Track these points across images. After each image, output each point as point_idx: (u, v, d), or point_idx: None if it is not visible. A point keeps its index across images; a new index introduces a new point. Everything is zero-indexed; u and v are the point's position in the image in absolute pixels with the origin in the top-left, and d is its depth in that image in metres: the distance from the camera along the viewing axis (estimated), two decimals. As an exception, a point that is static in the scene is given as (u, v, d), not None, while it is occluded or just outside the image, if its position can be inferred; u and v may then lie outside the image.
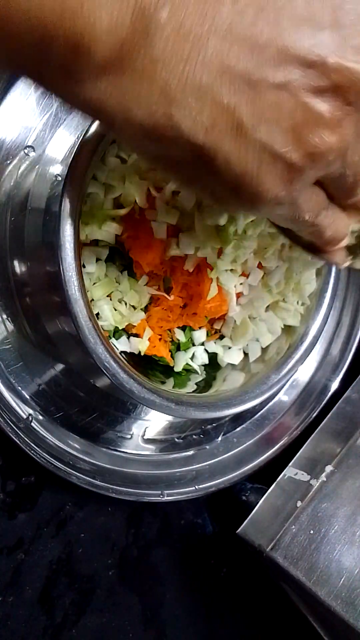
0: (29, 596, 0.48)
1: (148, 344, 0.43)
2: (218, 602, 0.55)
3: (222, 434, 0.53)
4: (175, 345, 0.46)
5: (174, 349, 0.46)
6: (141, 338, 0.43)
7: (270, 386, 0.44)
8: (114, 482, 0.48)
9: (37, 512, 0.49)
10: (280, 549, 0.43)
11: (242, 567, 0.55)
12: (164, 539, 0.54)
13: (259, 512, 0.47)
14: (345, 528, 0.44)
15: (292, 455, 0.50)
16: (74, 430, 0.48)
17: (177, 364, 0.45)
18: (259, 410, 0.55)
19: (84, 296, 0.35)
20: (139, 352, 0.44)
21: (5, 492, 0.48)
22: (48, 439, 0.46)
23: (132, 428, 0.50)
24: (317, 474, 0.47)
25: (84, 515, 0.51)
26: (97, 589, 0.51)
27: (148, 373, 0.44)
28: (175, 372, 0.46)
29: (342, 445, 0.48)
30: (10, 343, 0.45)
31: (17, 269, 0.45)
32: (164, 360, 0.45)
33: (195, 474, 0.51)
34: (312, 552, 0.43)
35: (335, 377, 0.57)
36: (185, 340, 0.46)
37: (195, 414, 0.40)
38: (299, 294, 0.47)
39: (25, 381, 0.46)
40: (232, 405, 0.42)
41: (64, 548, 0.50)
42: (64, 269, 0.34)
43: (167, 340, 0.45)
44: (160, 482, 0.50)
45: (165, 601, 0.53)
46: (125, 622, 0.51)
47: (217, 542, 0.56)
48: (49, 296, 0.43)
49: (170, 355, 0.45)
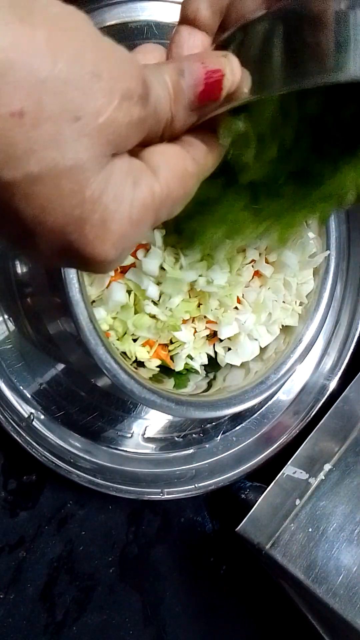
0: (30, 594, 0.49)
1: (148, 356, 0.44)
2: (217, 599, 0.56)
3: (221, 432, 0.54)
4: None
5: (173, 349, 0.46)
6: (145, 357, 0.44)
7: (269, 386, 0.44)
8: (114, 481, 0.48)
9: (39, 510, 0.49)
10: (279, 547, 0.44)
11: (242, 565, 0.56)
12: (164, 536, 0.54)
13: (258, 510, 0.47)
14: (344, 526, 0.44)
15: (291, 454, 0.50)
16: (75, 429, 0.48)
17: (177, 364, 0.46)
18: (258, 409, 0.55)
19: (85, 298, 0.35)
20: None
21: (7, 490, 0.48)
22: (49, 438, 0.47)
23: (132, 427, 0.51)
24: (315, 472, 0.47)
25: (85, 513, 0.51)
26: (97, 587, 0.51)
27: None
28: (176, 372, 0.46)
29: (340, 444, 0.49)
30: (12, 343, 0.45)
31: (19, 269, 0.45)
32: (164, 362, 0.45)
33: (194, 473, 0.52)
34: (311, 549, 0.43)
35: (333, 376, 0.57)
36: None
37: (195, 414, 0.41)
38: (297, 294, 0.48)
39: (27, 380, 0.46)
40: (231, 405, 0.42)
41: (65, 546, 0.50)
42: (65, 270, 0.35)
43: (167, 342, 0.45)
44: (160, 480, 0.50)
45: (165, 598, 0.53)
46: (125, 619, 0.52)
47: (216, 540, 0.56)
48: (50, 297, 0.43)
49: (170, 357, 0.46)
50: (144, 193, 0.23)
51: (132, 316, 0.42)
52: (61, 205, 0.20)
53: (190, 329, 0.45)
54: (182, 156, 0.25)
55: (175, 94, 0.23)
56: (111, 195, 0.21)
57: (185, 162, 0.25)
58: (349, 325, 0.58)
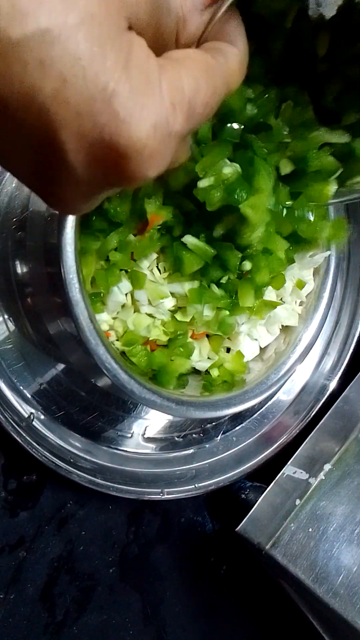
0: (30, 594, 0.49)
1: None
2: (218, 599, 0.56)
3: (221, 432, 0.54)
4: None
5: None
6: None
7: (269, 386, 0.44)
8: (114, 481, 0.48)
9: (39, 510, 0.49)
10: (280, 547, 0.44)
11: (242, 565, 0.56)
12: (164, 536, 0.54)
13: (258, 510, 0.47)
14: (344, 526, 0.44)
15: (291, 454, 0.50)
16: (75, 429, 0.48)
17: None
18: (258, 409, 0.56)
19: (85, 298, 0.35)
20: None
21: (7, 490, 0.48)
22: (49, 438, 0.47)
23: (132, 427, 0.51)
24: (315, 472, 0.47)
25: (85, 513, 0.51)
26: (97, 587, 0.51)
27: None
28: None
29: (340, 444, 0.49)
30: (12, 343, 0.45)
31: (19, 270, 0.45)
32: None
33: (195, 473, 0.52)
34: (311, 550, 0.43)
35: (333, 376, 0.57)
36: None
37: (195, 414, 0.41)
38: (296, 294, 0.48)
39: (27, 380, 0.46)
40: (231, 405, 0.42)
41: (65, 546, 0.50)
42: (65, 270, 0.34)
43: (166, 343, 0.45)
44: (161, 480, 0.50)
45: (165, 598, 0.54)
46: (125, 619, 0.52)
47: (216, 540, 0.56)
48: (51, 297, 0.43)
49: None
50: (174, 79, 0.20)
51: (132, 315, 0.42)
52: (83, 72, 0.17)
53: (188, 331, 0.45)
54: (205, 56, 0.23)
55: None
56: (136, 65, 0.19)
57: (208, 59, 0.23)
58: (349, 325, 0.58)
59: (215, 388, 0.44)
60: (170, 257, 0.41)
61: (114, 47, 0.18)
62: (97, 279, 0.39)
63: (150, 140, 0.19)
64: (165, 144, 0.20)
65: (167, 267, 0.42)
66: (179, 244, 0.39)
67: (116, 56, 0.18)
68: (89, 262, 0.38)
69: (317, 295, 0.47)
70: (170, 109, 0.20)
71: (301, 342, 0.46)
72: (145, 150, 0.19)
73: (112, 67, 0.18)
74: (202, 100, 0.22)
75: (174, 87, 0.20)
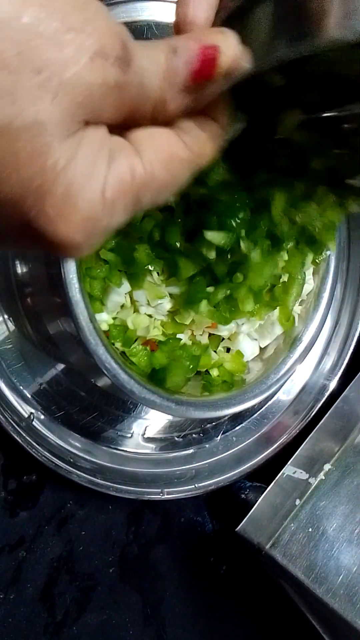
0: (30, 594, 0.49)
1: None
2: (218, 599, 0.56)
3: (221, 432, 0.54)
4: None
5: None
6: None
7: (269, 386, 0.44)
8: (114, 481, 0.48)
9: (39, 510, 0.49)
10: (279, 547, 0.44)
11: (242, 565, 0.56)
12: (164, 536, 0.54)
13: (258, 510, 0.47)
14: (344, 526, 0.44)
15: (291, 454, 0.50)
16: (75, 429, 0.48)
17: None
18: (258, 409, 0.56)
19: (85, 298, 0.35)
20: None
21: (7, 490, 0.48)
22: (49, 438, 0.47)
23: (132, 427, 0.51)
24: (315, 472, 0.47)
25: (85, 513, 0.51)
26: (97, 587, 0.51)
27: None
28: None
29: (340, 444, 0.49)
30: (12, 343, 0.45)
31: (19, 269, 0.45)
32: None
33: (194, 473, 0.52)
34: (311, 550, 0.43)
35: (333, 376, 0.57)
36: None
37: (195, 414, 0.41)
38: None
39: (27, 380, 0.46)
40: (231, 405, 0.42)
41: (65, 546, 0.50)
42: (65, 271, 0.35)
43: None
44: (160, 480, 0.50)
45: (165, 598, 0.54)
46: (125, 619, 0.52)
47: (216, 540, 0.56)
48: (50, 297, 0.43)
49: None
50: (122, 171, 0.20)
51: (132, 315, 0.42)
52: (17, 172, 0.18)
53: (187, 331, 0.45)
54: (172, 139, 0.23)
55: (168, 72, 0.21)
56: (79, 167, 0.19)
57: (177, 146, 0.23)
58: (349, 325, 0.58)
59: (215, 388, 0.44)
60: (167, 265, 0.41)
61: (57, 151, 0.18)
62: (92, 282, 0.39)
63: (77, 235, 0.20)
64: (95, 236, 0.21)
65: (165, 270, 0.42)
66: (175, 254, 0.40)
67: (56, 160, 0.18)
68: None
69: (317, 295, 0.47)
70: (108, 205, 0.20)
71: (301, 342, 0.46)
72: (71, 244, 0.20)
73: (50, 169, 0.18)
74: (154, 189, 0.22)
75: (121, 180, 0.20)
